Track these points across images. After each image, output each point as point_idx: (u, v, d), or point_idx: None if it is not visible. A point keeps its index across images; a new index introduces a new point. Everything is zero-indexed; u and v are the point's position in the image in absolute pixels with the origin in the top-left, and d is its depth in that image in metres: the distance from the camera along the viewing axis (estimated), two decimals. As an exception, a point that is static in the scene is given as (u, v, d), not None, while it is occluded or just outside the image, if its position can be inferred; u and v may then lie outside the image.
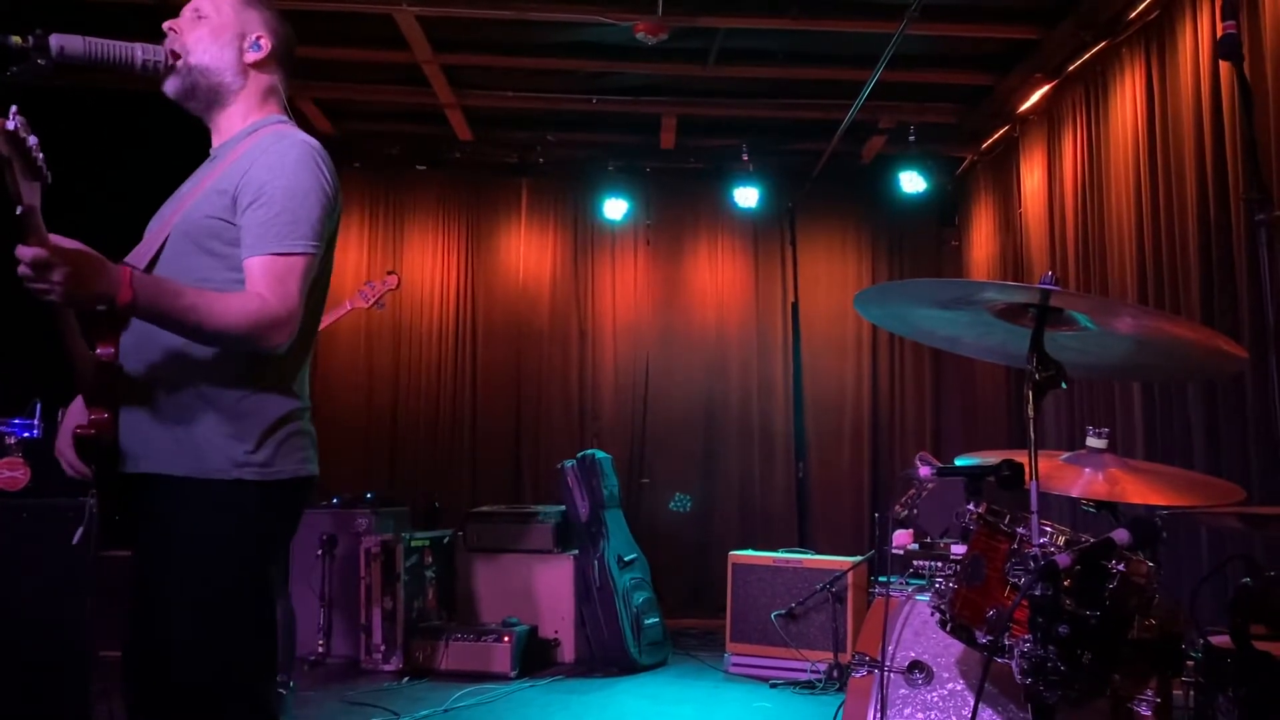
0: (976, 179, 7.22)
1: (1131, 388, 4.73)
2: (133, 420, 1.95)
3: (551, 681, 5.30)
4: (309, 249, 1.97)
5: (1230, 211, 4.02)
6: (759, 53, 5.76)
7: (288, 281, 1.93)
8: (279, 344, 1.92)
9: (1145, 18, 4.74)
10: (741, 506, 7.32)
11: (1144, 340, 2.25)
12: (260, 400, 1.98)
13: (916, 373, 7.46)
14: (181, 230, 2.01)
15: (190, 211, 2.02)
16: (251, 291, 1.92)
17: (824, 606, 5.23)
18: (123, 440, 1.94)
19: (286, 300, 1.92)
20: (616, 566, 5.68)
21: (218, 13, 2.13)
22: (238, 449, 1.94)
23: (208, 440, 1.93)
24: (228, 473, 1.93)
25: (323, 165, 2.04)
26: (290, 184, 1.98)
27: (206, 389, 1.95)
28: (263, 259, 1.94)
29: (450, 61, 5.85)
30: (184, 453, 1.93)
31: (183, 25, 2.12)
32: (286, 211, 1.96)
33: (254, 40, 2.14)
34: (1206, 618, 2.37)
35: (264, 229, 1.95)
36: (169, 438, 1.94)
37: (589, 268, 7.56)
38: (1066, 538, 2.11)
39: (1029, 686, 2.00)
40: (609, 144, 7.18)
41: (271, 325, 1.89)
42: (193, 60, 2.09)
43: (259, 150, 2.02)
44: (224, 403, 1.95)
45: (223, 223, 1.98)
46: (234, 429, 1.95)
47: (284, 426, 2.00)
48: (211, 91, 2.12)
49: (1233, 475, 3.71)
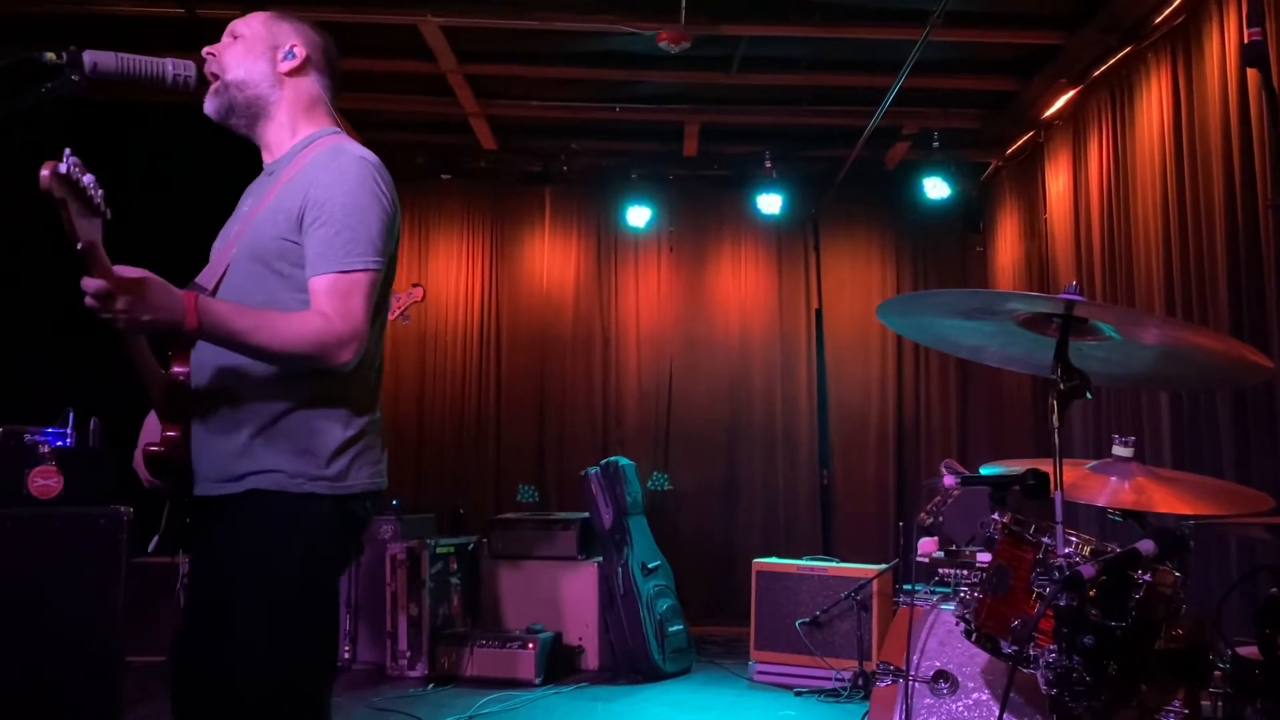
0: (1001, 185, 7.19)
1: (1159, 396, 4.69)
2: (206, 439, 1.99)
3: (576, 688, 5.31)
4: (371, 265, 1.99)
5: (1258, 218, 3.99)
6: (782, 60, 5.76)
7: (351, 299, 1.95)
8: (345, 361, 1.94)
9: (1171, 23, 4.71)
10: (765, 514, 7.31)
11: (1169, 350, 2.25)
12: (332, 415, 2.01)
13: (941, 380, 7.43)
14: (248, 251, 2.03)
15: (255, 232, 2.04)
16: (315, 311, 1.94)
17: (849, 615, 5.21)
18: (196, 460, 1.98)
19: (349, 318, 1.94)
20: (640, 573, 5.69)
21: (249, 29, 2.16)
22: (311, 464, 1.97)
23: (282, 455, 1.97)
24: (300, 486, 1.96)
25: (381, 181, 2.06)
26: (349, 201, 1.99)
27: (280, 406, 1.98)
28: (326, 278, 1.96)
29: (475, 71, 5.90)
30: (258, 469, 1.96)
31: (219, 48, 2.15)
32: (347, 229, 1.98)
33: (288, 49, 2.16)
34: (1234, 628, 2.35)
35: (325, 247, 1.97)
36: (244, 456, 1.97)
37: (612, 275, 7.58)
38: (1092, 547, 2.11)
39: (1054, 697, 2.00)
40: (632, 152, 7.20)
41: (336, 343, 1.92)
42: (229, 77, 2.12)
43: (318, 166, 2.04)
44: (298, 419, 1.98)
45: (288, 243, 2.00)
46: (308, 444, 1.98)
47: (357, 441, 2.04)
48: (250, 105, 2.14)
49: (1262, 484, 3.67)
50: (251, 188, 2.21)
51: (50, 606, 3.59)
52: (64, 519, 3.69)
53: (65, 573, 3.64)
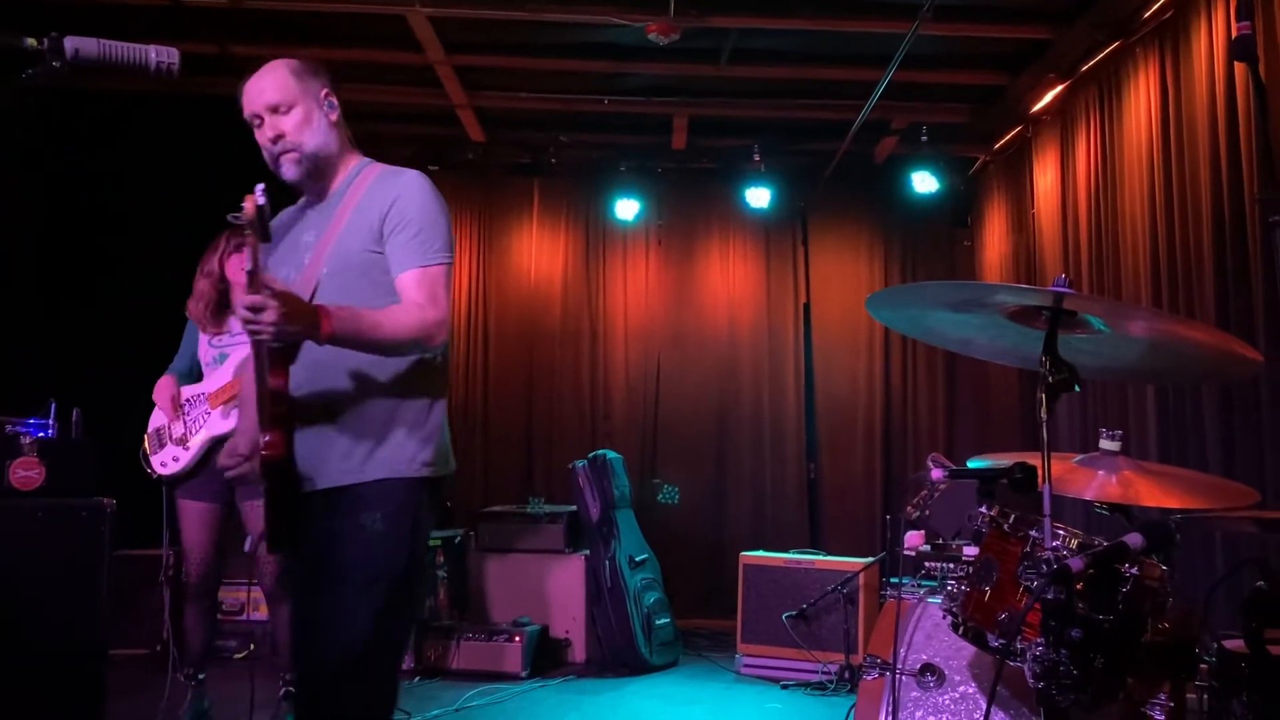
0: (989, 179, 7.20)
1: (1145, 390, 4.71)
2: (315, 439, 2.26)
3: (563, 681, 5.31)
4: (446, 259, 2.31)
5: (1245, 213, 4.00)
6: (771, 53, 5.75)
7: (436, 288, 2.27)
8: (438, 345, 2.27)
9: (1159, 18, 4.71)
10: (753, 507, 7.31)
11: (1158, 343, 2.25)
12: (422, 407, 2.32)
13: (929, 374, 7.44)
14: (338, 268, 2.30)
15: (340, 252, 2.31)
16: (410, 302, 2.24)
17: (835, 608, 5.22)
18: (306, 460, 2.25)
19: (438, 304, 2.25)
20: (628, 567, 5.68)
21: (289, 94, 2.34)
22: (417, 451, 2.29)
23: (395, 445, 2.26)
24: (411, 472, 2.27)
25: (437, 190, 2.37)
26: (422, 208, 2.31)
27: (379, 402, 2.27)
28: (413, 272, 2.26)
29: (462, 62, 5.86)
30: (376, 459, 2.25)
31: (280, 126, 2.33)
32: (424, 230, 2.29)
33: (326, 101, 2.40)
34: (1221, 622, 2.36)
35: (408, 247, 2.27)
36: (354, 451, 2.25)
37: (600, 268, 7.56)
38: (1079, 541, 2.10)
39: (1041, 690, 2.00)
40: (621, 145, 7.18)
41: (434, 328, 2.23)
42: (308, 150, 2.35)
43: (384, 187, 2.34)
44: (406, 412, 2.29)
45: (373, 254, 2.29)
46: (414, 434, 2.29)
47: (443, 429, 2.37)
48: (326, 163, 2.40)
49: (1248, 478, 3.68)
50: (297, 217, 2.45)
51: (32, 599, 3.57)
52: (46, 511, 3.66)
53: (47, 565, 3.62)
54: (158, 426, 4.13)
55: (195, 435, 4.05)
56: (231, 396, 4.04)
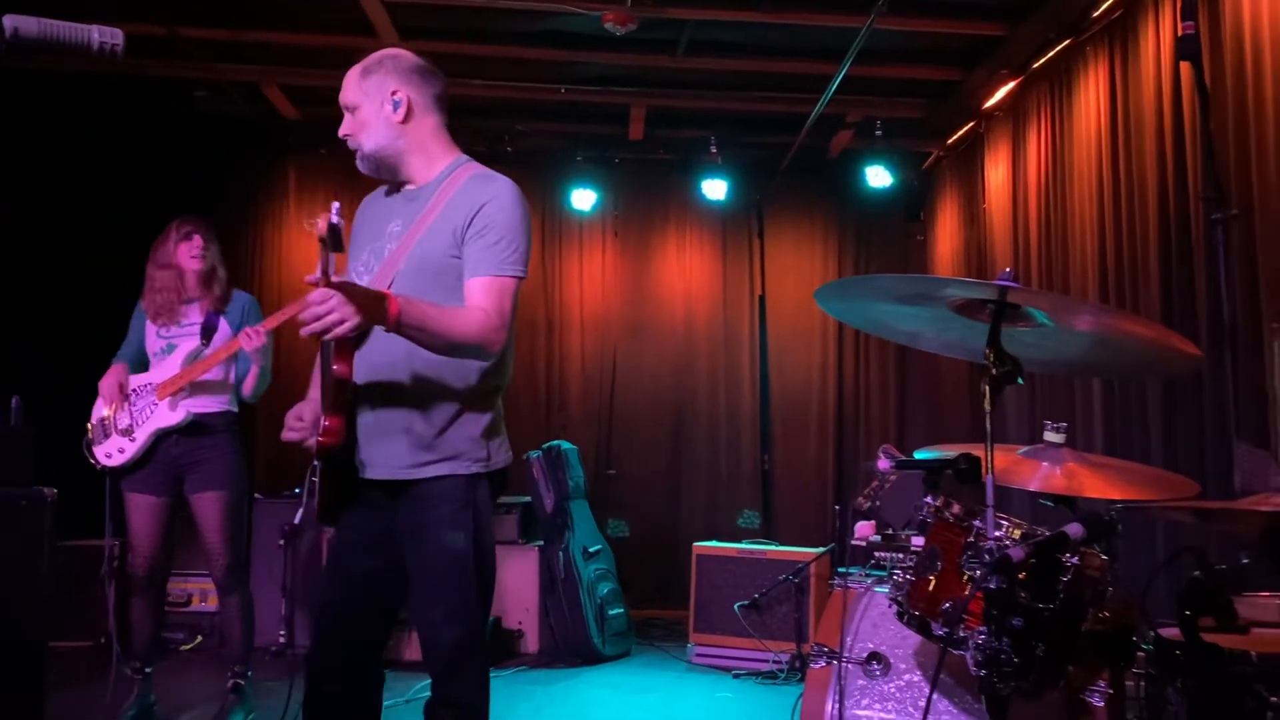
0: (942, 175, 7.27)
1: (1091, 383, 4.78)
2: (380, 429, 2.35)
3: (515, 672, 5.30)
4: (519, 273, 2.35)
5: (1189, 210, 4.07)
6: (728, 45, 5.75)
7: (504, 299, 2.31)
8: (496, 351, 2.31)
9: (1109, 16, 4.78)
10: (707, 498, 7.34)
11: (1101, 337, 2.28)
12: (483, 405, 2.39)
13: (881, 366, 7.51)
14: (418, 265, 2.36)
15: (424, 250, 2.36)
16: (475, 306, 2.29)
17: (787, 598, 5.25)
18: (370, 448, 2.35)
19: (503, 314, 2.30)
20: (581, 558, 5.68)
21: (354, 97, 2.46)
22: (478, 449, 2.36)
23: (451, 443, 2.34)
24: (470, 468, 2.34)
25: (526, 203, 2.41)
26: (508, 218, 2.34)
27: (443, 398, 2.34)
28: (483, 279, 2.31)
29: (417, 48, 5.70)
30: (437, 455, 2.33)
31: (348, 126, 2.48)
32: (505, 239, 2.33)
33: (393, 101, 2.44)
34: (1159, 610, 2.40)
35: (485, 254, 2.31)
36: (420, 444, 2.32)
37: (556, 258, 7.54)
38: (1022, 531, 2.13)
39: (983, 678, 2.02)
40: (577, 134, 7.14)
41: (495, 333, 2.28)
42: (366, 150, 2.45)
43: (474, 190, 2.37)
44: (460, 410, 2.35)
45: (454, 259, 2.34)
46: (469, 431, 2.36)
47: (498, 425, 2.43)
48: (391, 160, 2.46)
49: (1189, 470, 3.76)
50: (387, 207, 2.52)
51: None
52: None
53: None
54: (102, 417, 4.05)
55: (142, 427, 3.98)
56: (180, 388, 3.98)
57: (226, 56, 5.93)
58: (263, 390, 4.12)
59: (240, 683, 4.11)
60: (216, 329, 4.05)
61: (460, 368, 2.34)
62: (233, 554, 4.05)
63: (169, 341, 4.07)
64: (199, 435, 4.02)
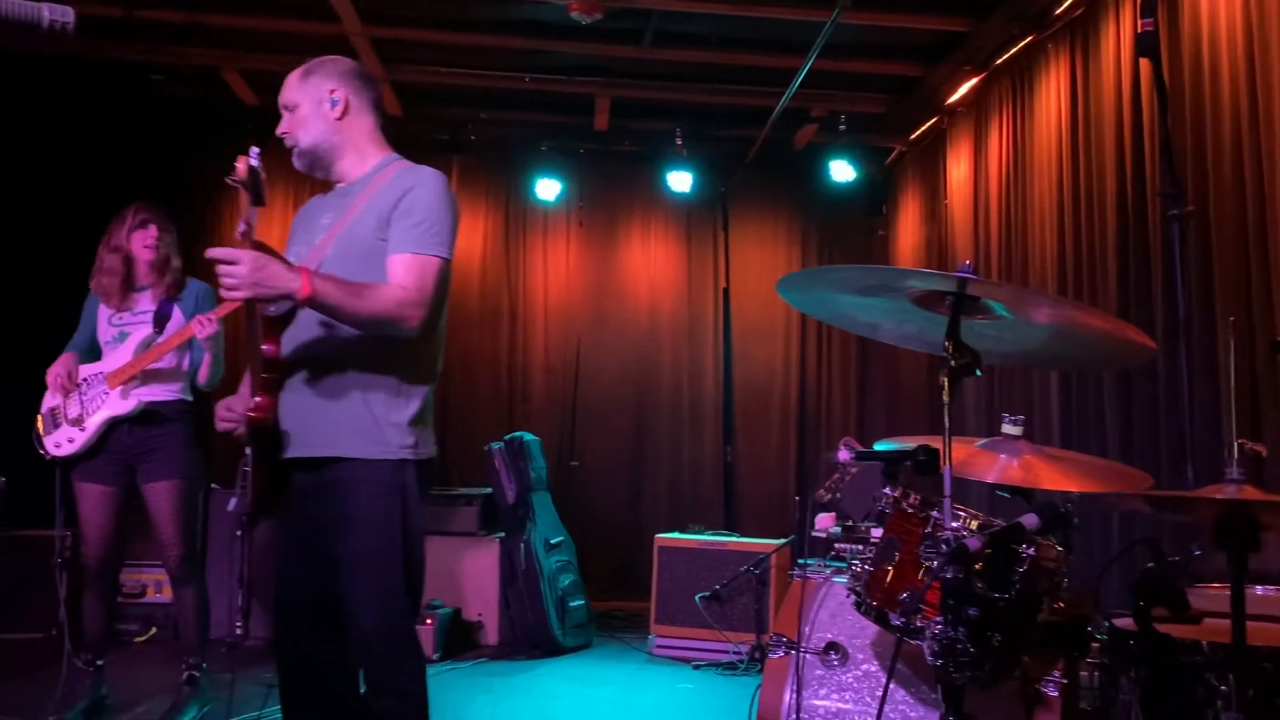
0: (905, 170, 7.31)
1: (1049, 377, 4.83)
2: (301, 408, 2.37)
3: (474, 664, 5.28)
4: (442, 253, 2.41)
5: (1147, 206, 4.12)
6: (694, 36, 5.74)
7: (425, 276, 2.36)
8: (413, 328, 2.34)
9: (1070, 14, 4.82)
10: (670, 490, 7.35)
11: (1058, 329, 2.30)
12: (410, 389, 2.43)
13: (843, 359, 7.56)
14: (346, 247, 2.43)
15: (350, 235, 2.44)
16: (394, 283, 2.35)
17: (748, 589, 5.27)
18: (292, 427, 2.36)
19: (423, 290, 2.35)
20: (543, 549, 5.66)
21: (294, 96, 2.54)
22: (403, 435, 2.39)
23: (382, 426, 2.37)
24: (397, 453, 2.37)
25: (452, 193, 2.50)
26: (431, 202, 2.42)
27: (377, 381, 2.38)
28: (404, 256, 2.37)
29: (380, 34, 5.74)
30: (361, 436, 2.35)
31: (285, 124, 2.55)
32: (426, 221, 2.40)
33: (330, 99, 2.54)
34: (1113, 601, 2.43)
35: (407, 234, 2.39)
36: (344, 424, 2.35)
37: (520, 248, 7.50)
38: (979, 522, 2.15)
39: (940, 668, 2.03)
40: (542, 124, 7.10)
41: (411, 309, 2.32)
42: (303, 145, 2.54)
43: (402, 179, 2.47)
44: (390, 395, 2.39)
45: (380, 241, 2.40)
46: (402, 418, 2.39)
47: (427, 415, 2.47)
48: (326, 156, 2.56)
49: (1144, 462, 3.82)
50: (320, 204, 2.61)
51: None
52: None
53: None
54: (52, 406, 3.98)
55: (93, 415, 3.91)
56: (131, 376, 3.91)
57: (185, 40, 5.83)
58: (217, 378, 4.06)
59: (195, 675, 4.05)
60: (170, 316, 3.99)
61: (387, 351, 2.38)
62: (186, 545, 3.99)
63: (121, 329, 4.00)
64: (152, 424, 3.96)
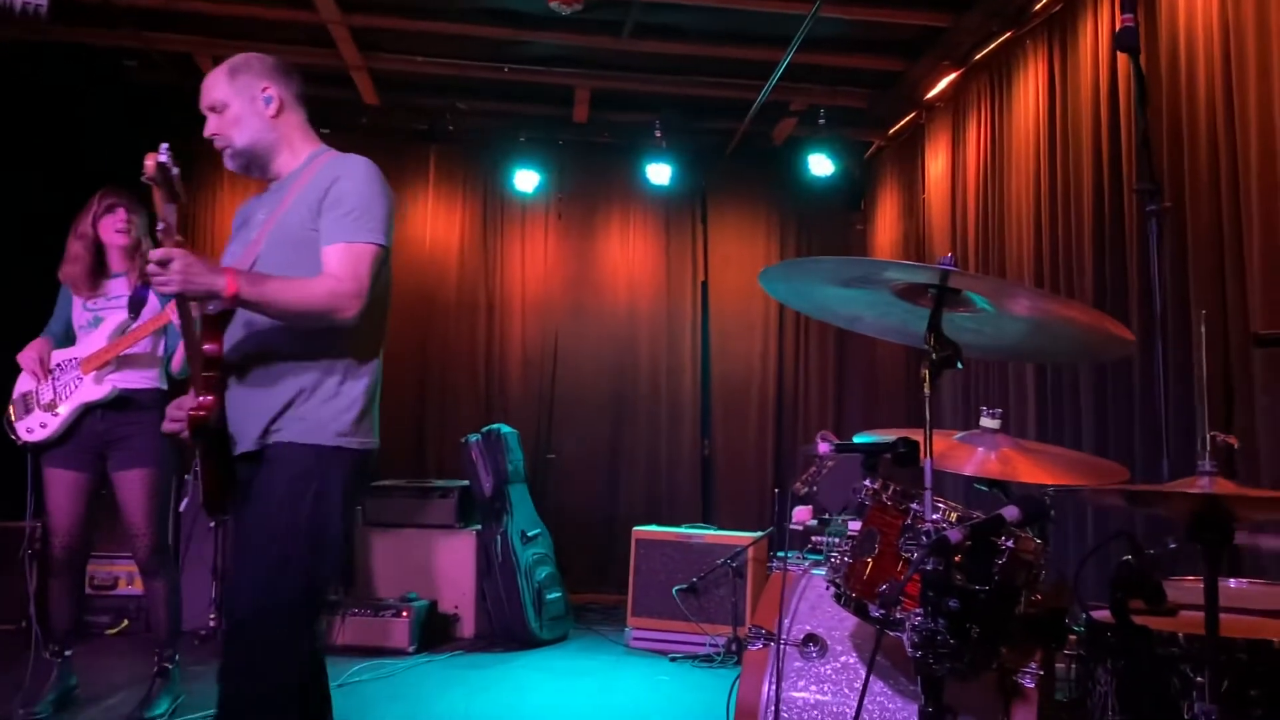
0: (883, 164, 7.33)
1: (1026, 371, 4.86)
2: (243, 403, 2.34)
3: (450, 656, 5.25)
4: (377, 240, 2.37)
5: (1124, 201, 4.15)
6: (674, 29, 5.72)
7: (359, 265, 2.33)
8: (349, 318, 2.30)
9: (1049, 10, 4.84)
10: (648, 482, 7.34)
11: (1038, 322, 2.30)
12: (344, 377, 2.39)
13: (821, 352, 7.57)
14: (277, 242, 2.39)
15: (281, 228, 2.40)
16: (326, 274, 2.32)
17: (725, 581, 5.28)
18: (235, 423, 2.34)
19: (357, 280, 2.31)
20: (519, 542, 5.64)
21: (222, 95, 2.48)
22: (334, 422, 2.35)
23: (311, 413, 2.33)
24: (321, 439, 2.33)
25: (383, 179, 2.45)
26: (361, 189, 2.39)
27: (312, 371, 2.35)
28: (337, 246, 2.34)
29: (358, 23, 5.69)
30: (296, 423, 2.32)
31: (217, 127, 2.49)
32: (358, 209, 2.36)
33: (263, 96, 2.50)
34: (1090, 593, 2.44)
35: (338, 223, 2.35)
36: (280, 415, 2.32)
37: (498, 240, 7.46)
38: (958, 514, 2.15)
39: (919, 659, 2.04)
40: (521, 114, 7.07)
41: (345, 300, 2.29)
42: (239, 146, 2.49)
43: (331, 169, 2.43)
44: (318, 380, 2.36)
45: (312, 231, 2.37)
46: (336, 407, 2.36)
47: (369, 404, 2.43)
48: (263, 155, 2.52)
49: (1119, 455, 3.84)
50: (257, 202, 2.57)
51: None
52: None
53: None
54: (24, 391, 3.93)
55: (65, 401, 3.86)
56: (105, 362, 3.86)
57: (159, 25, 5.76)
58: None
59: (167, 666, 4.01)
60: (145, 302, 3.94)
61: (324, 342, 2.36)
62: (156, 535, 3.94)
63: (95, 315, 3.96)
64: (125, 411, 3.91)
